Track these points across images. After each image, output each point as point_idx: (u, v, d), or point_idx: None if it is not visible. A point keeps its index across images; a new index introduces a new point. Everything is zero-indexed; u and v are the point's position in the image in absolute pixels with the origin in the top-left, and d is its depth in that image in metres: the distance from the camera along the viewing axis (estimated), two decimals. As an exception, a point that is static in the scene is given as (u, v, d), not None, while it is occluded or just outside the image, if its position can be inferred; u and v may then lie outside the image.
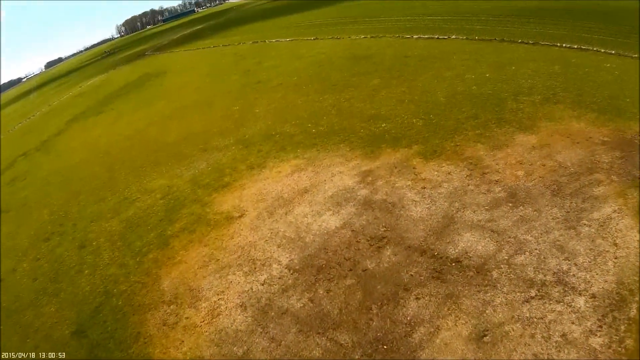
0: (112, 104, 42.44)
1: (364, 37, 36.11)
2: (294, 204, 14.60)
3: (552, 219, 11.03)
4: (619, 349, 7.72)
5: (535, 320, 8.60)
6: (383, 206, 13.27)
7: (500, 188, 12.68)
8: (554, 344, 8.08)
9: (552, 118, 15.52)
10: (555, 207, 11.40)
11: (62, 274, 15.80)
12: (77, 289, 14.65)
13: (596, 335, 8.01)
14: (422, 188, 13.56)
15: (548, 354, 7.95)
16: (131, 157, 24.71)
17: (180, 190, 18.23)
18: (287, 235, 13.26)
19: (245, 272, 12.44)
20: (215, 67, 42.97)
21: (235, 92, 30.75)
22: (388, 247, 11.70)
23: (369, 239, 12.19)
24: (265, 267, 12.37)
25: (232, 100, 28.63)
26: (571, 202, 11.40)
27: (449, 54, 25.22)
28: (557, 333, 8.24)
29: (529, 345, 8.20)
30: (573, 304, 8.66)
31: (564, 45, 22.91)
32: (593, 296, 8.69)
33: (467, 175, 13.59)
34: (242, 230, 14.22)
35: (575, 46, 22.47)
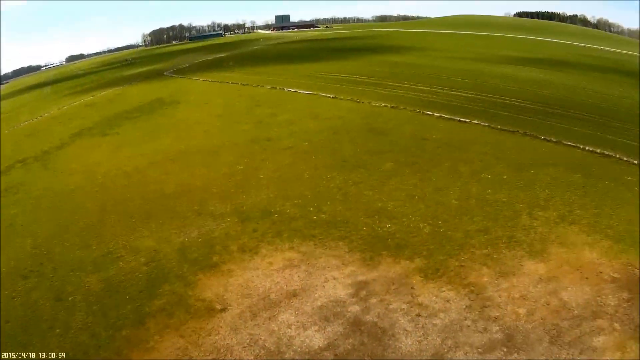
0: (119, 127, 42.02)
1: (384, 106, 35.64)
2: (280, 309, 14.06)
3: (546, 373, 10.50)
4: None
5: None
6: (372, 331, 12.78)
7: (498, 327, 12.24)
8: None
9: (564, 243, 15.11)
10: (551, 357, 11.01)
11: (33, 325, 15.21)
12: (45, 347, 14.07)
13: None
14: (416, 315, 13.09)
15: None
16: (125, 199, 24.17)
17: (167, 259, 17.66)
18: (267, 346, 12.74)
19: (217, 383, 11.91)
20: (229, 108, 42.67)
21: (243, 145, 30.30)
22: (369, 384, 11.22)
23: (351, 369, 11.69)
24: (238, 381, 11.86)
25: (238, 156, 28.16)
26: (568, 354, 11.02)
27: (468, 143, 24.87)
28: None
29: None
30: None
31: (586, 148, 22.67)
32: None
33: (466, 307, 13.12)
34: (221, 327, 13.67)
35: (598, 151, 22.31)
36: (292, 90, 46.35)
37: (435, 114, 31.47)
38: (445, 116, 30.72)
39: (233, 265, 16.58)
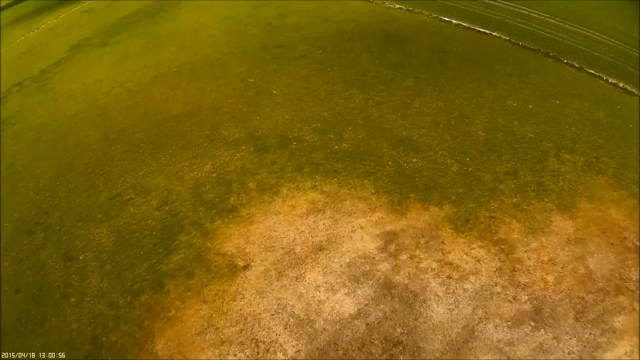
0: (119, 34, 39.38)
1: (399, 8, 32.26)
2: (307, 266, 12.99)
3: (568, 353, 10.34)
4: None
5: None
6: (403, 295, 11.91)
7: (527, 297, 11.62)
8: None
9: (592, 197, 14.14)
10: (575, 337, 10.68)
11: (46, 294, 14.31)
12: (62, 322, 13.28)
13: None
14: (447, 277, 12.22)
15: None
16: (130, 124, 22.46)
17: (180, 201, 16.37)
18: (296, 313, 11.83)
19: (247, 356, 11.16)
20: (234, 9, 39.55)
21: (253, 54, 27.87)
22: (402, 357, 10.49)
23: (383, 340, 10.97)
24: (269, 355, 11.13)
25: (249, 67, 25.88)
26: (590, 334, 10.68)
27: (491, 61, 22.69)
28: None
29: None
30: None
31: (609, 80, 20.88)
32: None
33: (497, 270, 12.30)
34: (246, 290, 12.68)
35: (621, 84, 20.71)
36: (301, -14, 42.70)
37: (453, 21, 28.44)
38: (464, 24, 27.78)
39: (253, 209, 15.30)
